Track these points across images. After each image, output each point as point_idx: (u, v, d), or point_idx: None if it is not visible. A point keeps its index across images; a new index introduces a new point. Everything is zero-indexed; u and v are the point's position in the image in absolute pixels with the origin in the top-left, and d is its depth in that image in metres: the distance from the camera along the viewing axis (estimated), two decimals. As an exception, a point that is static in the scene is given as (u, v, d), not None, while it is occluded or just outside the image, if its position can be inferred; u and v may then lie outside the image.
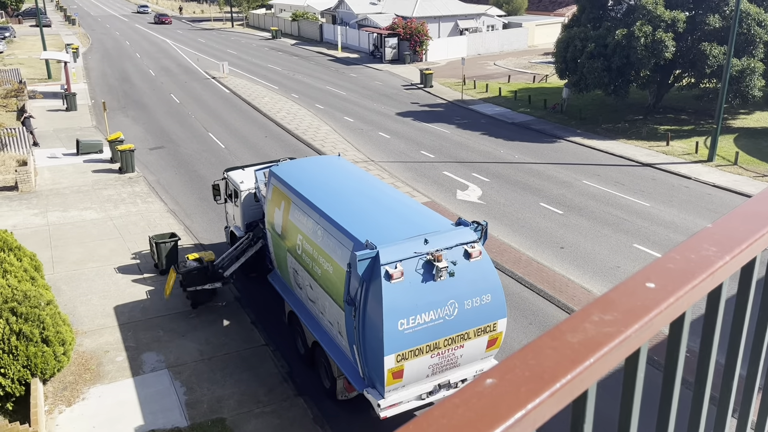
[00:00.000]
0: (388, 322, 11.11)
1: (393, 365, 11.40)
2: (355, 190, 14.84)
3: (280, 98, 44.15)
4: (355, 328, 11.72)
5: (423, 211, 13.80)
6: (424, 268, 11.54)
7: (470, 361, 12.50)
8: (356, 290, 11.58)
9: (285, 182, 15.49)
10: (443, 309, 11.66)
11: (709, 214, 23.75)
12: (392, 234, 12.12)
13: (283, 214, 15.30)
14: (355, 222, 12.76)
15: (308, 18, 78.09)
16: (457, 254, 11.89)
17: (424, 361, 11.78)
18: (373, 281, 11.35)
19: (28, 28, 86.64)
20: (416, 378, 11.91)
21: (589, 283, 18.88)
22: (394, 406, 11.95)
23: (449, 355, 12.06)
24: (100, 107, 39.59)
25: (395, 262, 11.29)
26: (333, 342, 13.39)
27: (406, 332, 11.35)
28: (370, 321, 11.45)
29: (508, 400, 0.83)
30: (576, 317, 1.00)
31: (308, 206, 14.06)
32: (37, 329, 13.38)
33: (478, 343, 12.31)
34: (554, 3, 79.14)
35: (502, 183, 27.33)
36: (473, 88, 46.35)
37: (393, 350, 11.29)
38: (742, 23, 31.60)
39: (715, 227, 1.30)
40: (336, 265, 12.52)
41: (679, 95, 41.12)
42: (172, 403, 13.88)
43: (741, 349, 1.47)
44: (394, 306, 11.17)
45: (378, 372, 11.57)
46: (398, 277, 11.20)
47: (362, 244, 11.68)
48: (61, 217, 23.60)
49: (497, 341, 12.64)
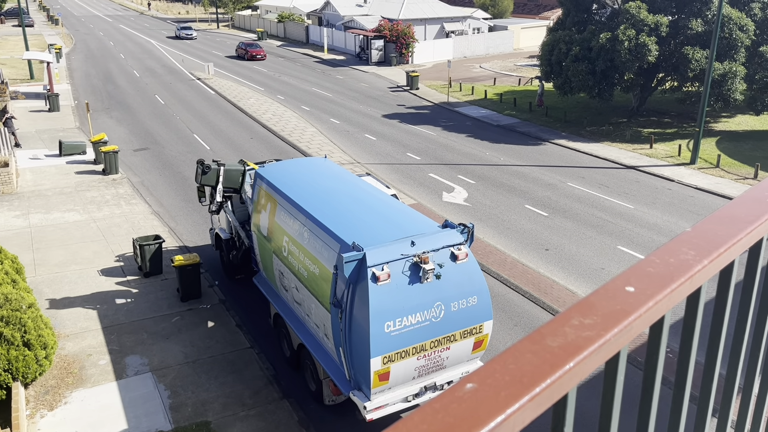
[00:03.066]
0: (375, 324, 11.11)
1: (379, 367, 11.40)
2: (341, 192, 14.79)
3: (265, 100, 44.00)
4: (342, 330, 11.70)
5: (409, 213, 13.80)
6: (410, 270, 11.55)
7: (456, 363, 12.52)
8: (343, 292, 11.55)
9: (271, 184, 15.41)
10: (429, 311, 11.67)
11: (692, 216, 24.00)
12: (379, 236, 12.12)
13: (269, 216, 15.23)
14: (342, 224, 12.74)
15: (294, 19, 77.94)
16: (444, 256, 11.90)
17: (411, 363, 11.78)
18: (359, 283, 11.34)
19: (11, 27, 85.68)
20: (402, 380, 11.91)
21: (573, 284, 18.99)
22: (381, 408, 11.94)
23: (435, 357, 12.07)
24: (83, 108, 39.21)
25: (382, 264, 11.29)
26: (319, 344, 13.35)
27: (393, 334, 11.35)
28: (357, 323, 11.44)
29: (487, 404, 0.83)
30: (556, 321, 1.01)
31: (294, 208, 14.01)
32: (18, 332, 13.22)
33: (464, 346, 12.34)
34: (539, 6, 79.68)
35: (487, 185, 27.43)
36: (459, 91, 46.50)
37: (379, 352, 11.28)
38: (724, 27, 32.00)
39: (694, 231, 1.31)
40: (322, 267, 12.48)
41: (662, 98, 41.54)
42: (156, 406, 13.77)
43: (720, 351, 1.48)
44: (380, 308, 11.17)
45: (364, 374, 11.55)
46: (385, 279, 11.20)
47: (349, 246, 11.66)
48: (43, 219, 23.34)
49: (483, 343, 12.66)
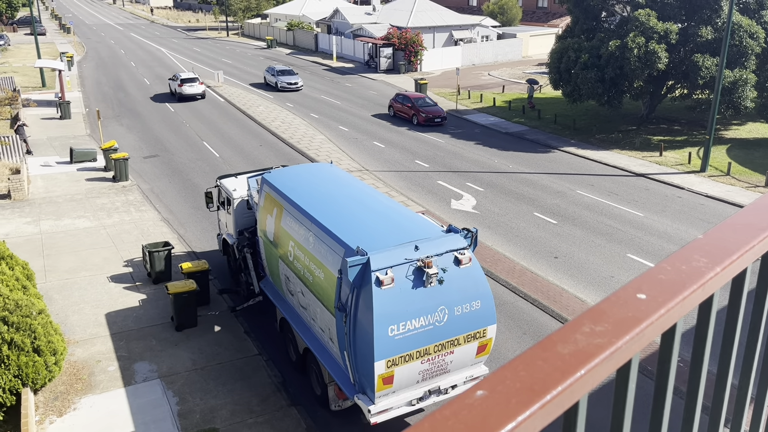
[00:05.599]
0: (379, 328, 11.19)
1: (383, 371, 11.46)
2: (346, 197, 14.88)
3: (275, 107, 44.18)
4: (346, 334, 11.77)
5: (414, 217, 13.88)
6: (414, 274, 11.64)
7: (460, 367, 12.56)
8: (347, 296, 11.63)
9: (277, 189, 15.52)
10: (433, 315, 11.77)
11: (702, 224, 23.85)
12: (383, 241, 12.19)
13: (275, 221, 15.33)
14: (347, 228, 12.82)
15: (303, 28, 78.33)
16: (447, 261, 11.98)
17: (415, 367, 11.84)
18: (363, 287, 11.43)
19: (23, 36, 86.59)
20: (407, 384, 11.96)
21: (582, 292, 18.89)
22: (385, 411, 11.99)
23: (439, 361, 12.13)
24: (94, 115, 39.52)
25: (386, 269, 11.38)
26: (324, 348, 13.40)
27: (397, 338, 11.42)
28: (361, 327, 11.52)
29: (498, 412, 0.83)
30: (567, 328, 1.00)
31: (300, 213, 14.10)
32: (28, 339, 13.28)
33: (467, 349, 12.40)
34: (548, 14, 79.70)
35: (496, 192, 27.39)
36: (468, 98, 46.52)
37: (383, 356, 11.35)
38: (734, 35, 31.88)
39: (706, 238, 1.30)
40: (327, 272, 12.56)
41: (672, 106, 41.38)
42: (164, 413, 13.78)
43: (732, 360, 1.47)
44: (384, 312, 11.26)
45: (368, 378, 11.61)
46: (389, 283, 11.30)
47: (353, 250, 11.74)
48: (53, 226, 23.49)
49: (487, 347, 12.71)
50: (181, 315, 16.72)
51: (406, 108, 39.90)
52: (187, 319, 16.86)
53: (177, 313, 16.71)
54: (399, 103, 40.78)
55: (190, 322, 16.92)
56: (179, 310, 16.65)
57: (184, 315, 16.77)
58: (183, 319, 16.79)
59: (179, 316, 16.74)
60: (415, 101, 39.76)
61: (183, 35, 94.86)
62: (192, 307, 16.81)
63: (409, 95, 40.88)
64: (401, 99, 40.86)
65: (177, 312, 16.69)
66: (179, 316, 16.73)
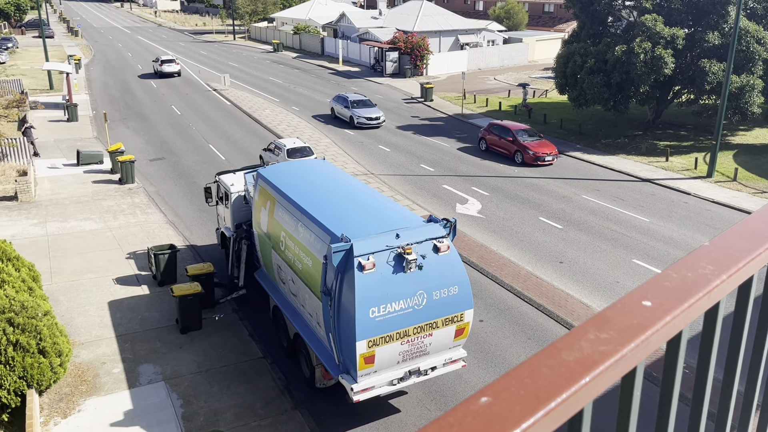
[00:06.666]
0: (360, 309, 11.91)
1: (365, 350, 12.16)
2: (335, 190, 15.64)
3: (280, 110, 44.27)
4: (331, 316, 12.44)
5: (397, 209, 14.64)
6: (395, 260, 12.38)
7: (439, 350, 13.25)
8: (332, 281, 12.35)
9: (271, 183, 16.25)
10: (412, 299, 12.48)
11: (708, 230, 23.75)
12: (366, 229, 12.95)
13: (268, 214, 16.04)
14: (333, 218, 13.61)
15: (310, 31, 78.53)
16: (427, 248, 12.72)
17: (395, 348, 12.53)
18: (347, 272, 12.14)
19: (31, 39, 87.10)
20: (387, 364, 12.63)
21: (588, 298, 18.83)
22: (367, 390, 12.68)
23: (419, 342, 12.81)
24: (101, 118, 39.70)
25: (368, 255, 12.12)
26: (312, 333, 14.11)
27: (377, 320, 12.13)
28: (344, 309, 12.23)
29: (502, 419, 0.83)
30: (572, 335, 1.00)
31: (291, 204, 14.86)
32: (33, 340, 13.32)
33: (446, 333, 13.09)
34: (554, 19, 79.71)
35: (501, 197, 27.35)
36: (473, 102, 46.51)
37: (364, 336, 12.07)
38: (741, 40, 31.79)
39: (712, 245, 1.30)
40: (314, 258, 13.32)
41: (678, 111, 41.26)
42: (168, 415, 13.79)
43: (738, 367, 1.46)
44: (365, 295, 11.98)
45: (351, 357, 12.28)
46: (370, 268, 12.03)
47: (338, 237, 12.48)
48: (60, 228, 23.58)
49: (465, 331, 13.41)
50: (185, 317, 16.75)
51: (506, 143, 31.88)
52: (192, 321, 16.88)
53: (182, 316, 16.74)
54: (494, 135, 32.56)
55: (195, 325, 16.95)
56: (184, 312, 16.68)
57: (189, 317, 16.80)
58: (188, 322, 16.82)
59: (184, 319, 16.76)
60: (516, 134, 31.64)
61: (190, 38, 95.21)
62: (197, 310, 16.84)
63: (508, 126, 32.22)
64: (497, 130, 32.42)
65: (182, 314, 16.71)
66: (184, 318, 16.76)
